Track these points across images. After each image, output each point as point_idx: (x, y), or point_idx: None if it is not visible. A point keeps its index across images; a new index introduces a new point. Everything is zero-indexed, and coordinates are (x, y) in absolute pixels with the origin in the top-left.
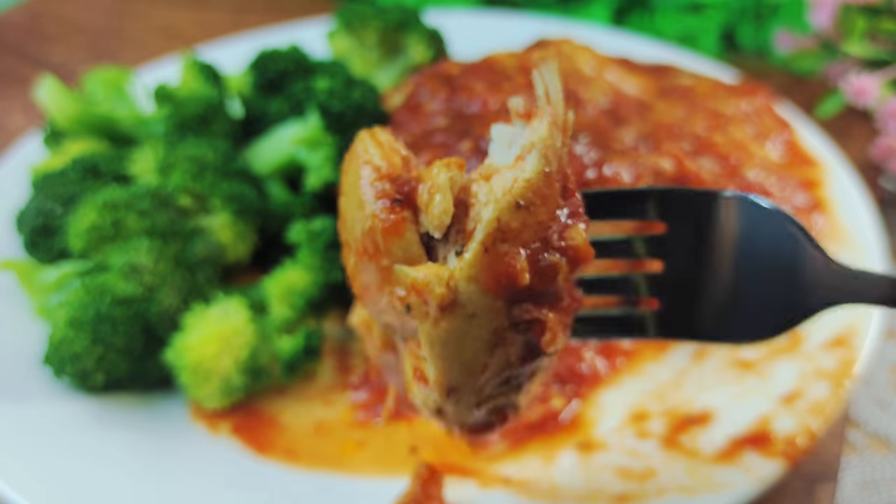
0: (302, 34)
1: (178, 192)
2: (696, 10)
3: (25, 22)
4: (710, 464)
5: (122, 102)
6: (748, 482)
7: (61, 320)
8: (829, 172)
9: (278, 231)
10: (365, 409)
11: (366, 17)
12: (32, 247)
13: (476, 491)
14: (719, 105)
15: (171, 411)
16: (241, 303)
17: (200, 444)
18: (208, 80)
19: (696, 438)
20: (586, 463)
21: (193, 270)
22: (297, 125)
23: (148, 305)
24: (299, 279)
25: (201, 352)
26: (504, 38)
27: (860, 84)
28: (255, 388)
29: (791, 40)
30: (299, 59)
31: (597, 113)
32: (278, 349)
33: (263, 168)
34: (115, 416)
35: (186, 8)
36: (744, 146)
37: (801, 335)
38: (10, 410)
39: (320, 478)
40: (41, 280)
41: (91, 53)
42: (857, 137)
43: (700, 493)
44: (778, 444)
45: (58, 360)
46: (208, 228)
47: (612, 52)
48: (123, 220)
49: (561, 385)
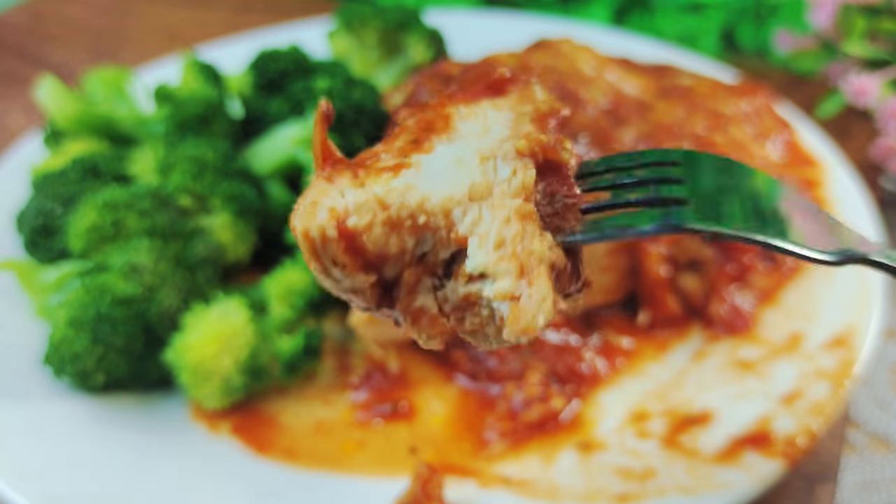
0: (302, 34)
1: (178, 192)
2: (696, 10)
3: (25, 22)
4: (710, 464)
5: (122, 102)
6: (748, 482)
7: (61, 320)
8: (829, 172)
9: (278, 231)
10: (365, 409)
11: (366, 17)
12: (32, 247)
13: (476, 491)
14: (719, 105)
15: (171, 411)
16: (241, 303)
17: (200, 444)
18: (208, 80)
19: (696, 438)
20: (586, 463)
21: (193, 270)
22: (297, 125)
23: (148, 305)
24: (299, 279)
25: (201, 352)
26: (504, 38)
27: (860, 84)
28: (255, 388)
29: (791, 40)
30: (299, 59)
31: (597, 113)
32: (278, 349)
33: (263, 168)
34: (115, 416)
35: (186, 8)
36: (744, 146)
37: (801, 335)
38: (10, 410)
39: (320, 478)
40: (41, 280)
41: (91, 53)
42: (857, 137)
43: (700, 493)
44: (778, 444)
45: (58, 360)
46: (208, 228)
47: (612, 52)
48: (123, 220)
49: (561, 385)
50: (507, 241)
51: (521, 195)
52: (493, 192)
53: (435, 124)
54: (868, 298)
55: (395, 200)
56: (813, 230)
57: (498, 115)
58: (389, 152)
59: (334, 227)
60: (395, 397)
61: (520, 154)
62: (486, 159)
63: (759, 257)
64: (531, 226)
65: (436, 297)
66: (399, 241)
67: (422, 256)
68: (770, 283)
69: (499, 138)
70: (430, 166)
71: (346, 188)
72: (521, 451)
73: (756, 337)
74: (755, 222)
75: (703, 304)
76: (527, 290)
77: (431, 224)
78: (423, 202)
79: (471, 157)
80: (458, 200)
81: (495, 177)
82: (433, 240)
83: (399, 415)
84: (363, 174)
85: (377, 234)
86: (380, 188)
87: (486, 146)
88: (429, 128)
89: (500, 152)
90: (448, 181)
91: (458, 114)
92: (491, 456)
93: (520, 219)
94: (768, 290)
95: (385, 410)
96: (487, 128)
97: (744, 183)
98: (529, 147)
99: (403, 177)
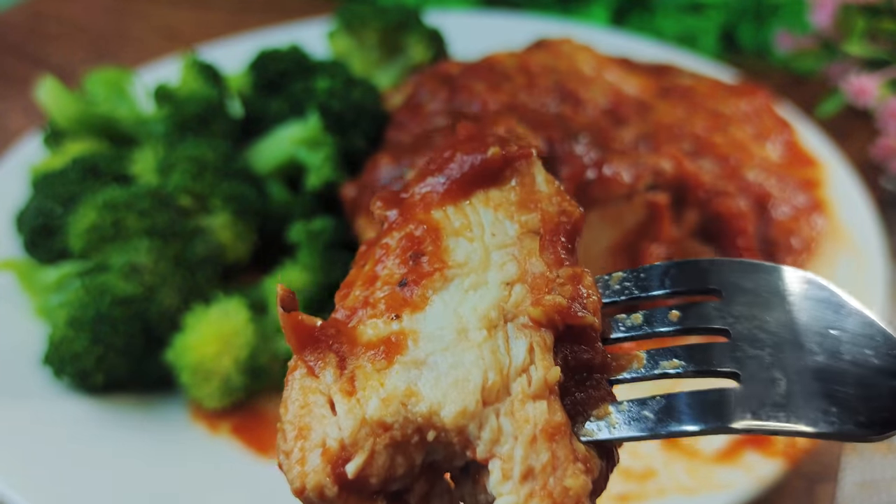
0: (302, 34)
1: (178, 192)
2: (696, 10)
3: (25, 22)
4: (711, 464)
5: (122, 102)
6: (748, 482)
7: (61, 320)
8: (829, 172)
9: (278, 231)
10: None
11: (366, 17)
12: (32, 247)
13: None
14: (719, 105)
15: (171, 411)
16: (241, 303)
17: (200, 444)
18: (208, 80)
19: (696, 438)
20: None
21: (193, 270)
22: (297, 125)
23: (148, 305)
24: (299, 279)
25: (201, 352)
26: (504, 38)
27: (860, 84)
28: (255, 388)
29: (791, 40)
30: (299, 59)
31: (597, 113)
32: (278, 349)
33: (263, 168)
34: (115, 416)
35: (186, 8)
36: (744, 146)
37: None
38: (11, 410)
39: None
40: (41, 280)
41: (91, 53)
42: (857, 137)
43: (700, 493)
44: (778, 443)
45: (58, 360)
46: (208, 228)
47: (612, 52)
48: (123, 220)
49: None
50: (537, 473)
51: (545, 395)
52: (510, 390)
53: (423, 247)
54: (868, 298)
55: (398, 417)
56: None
57: (496, 224)
58: (375, 306)
59: (332, 480)
60: None
61: (536, 323)
62: (493, 327)
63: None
64: (562, 449)
65: (453, 500)
66: (406, 461)
67: (431, 463)
68: None
69: (504, 280)
70: (429, 341)
71: (333, 392)
72: None
73: None
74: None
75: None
76: None
77: (443, 439)
78: (430, 416)
79: (475, 323)
80: (471, 413)
81: (509, 361)
82: (444, 452)
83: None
84: (351, 364)
85: (380, 462)
86: (375, 400)
87: (492, 300)
88: (417, 254)
89: (509, 313)
90: (454, 373)
91: (449, 226)
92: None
93: (548, 440)
94: None
95: None
96: (487, 253)
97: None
98: (546, 315)
99: (400, 371)
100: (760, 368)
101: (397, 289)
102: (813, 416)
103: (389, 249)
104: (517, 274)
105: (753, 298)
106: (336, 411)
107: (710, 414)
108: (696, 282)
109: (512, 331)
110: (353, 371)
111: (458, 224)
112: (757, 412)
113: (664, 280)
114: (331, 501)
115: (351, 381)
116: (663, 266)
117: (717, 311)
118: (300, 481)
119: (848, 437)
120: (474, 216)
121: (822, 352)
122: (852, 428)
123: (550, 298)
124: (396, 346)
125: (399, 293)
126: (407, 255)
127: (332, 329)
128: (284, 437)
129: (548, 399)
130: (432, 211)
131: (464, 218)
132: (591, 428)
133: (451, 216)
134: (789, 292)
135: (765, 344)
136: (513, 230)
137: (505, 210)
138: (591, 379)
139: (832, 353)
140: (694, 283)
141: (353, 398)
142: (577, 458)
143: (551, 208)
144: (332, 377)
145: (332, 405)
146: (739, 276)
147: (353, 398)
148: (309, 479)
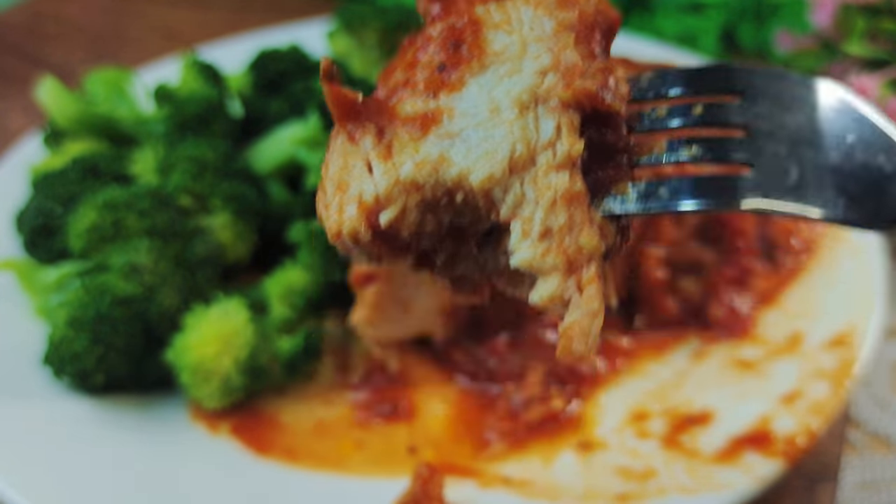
0: (302, 34)
1: (178, 192)
2: (696, 10)
3: (25, 22)
4: (711, 464)
5: (122, 102)
6: (748, 482)
7: (61, 320)
8: None
9: (278, 231)
10: (365, 409)
11: (366, 17)
12: (32, 247)
13: (476, 491)
14: None
15: (171, 411)
16: (241, 303)
17: (200, 444)
18: (208, 80)
19: (696, 438)
20: (586, 463)
21: (193, 270)
22: (297, 125)
23: (148, 305)
24: (299, 279)
25: (201, 352)
26: None
27: (860, 84)
28: (255, 388)
29: (791, 40)
30: (299, 59)
31: None
32: (278, 349)
33: (263, 168)
34: (115, 416)
35: (186, 8)
36: None
37: (801, 334)
38: (10, 410)
39: (320, 478)
40: (41, 280)
41: (91, 53)
42: None
43: (700, 493)
44: (778, 443)
45: (58, 360)
46: (208, 228)
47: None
48: (123, 220)
49: (561, 385)
50: (554, 232)
51: (568, 166)
52: (535, 161)
53: (463, 37)
54: (868, 298)
55: (429, 179)
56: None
57: (535, 20)
58: (415, 87)
59: (366, 226)
60: (395, 397)
61: (564, 105)
62: (525, 108)
63: (758, 259)
64: (579, 213)
65: (476, 263)
66: (435, 220)
67: (458, 227)
68: (770, 285)
69: (538, 69)
70: (463, 117)
71: (371, 157)
72: (521, 451)
73: (756, 337)
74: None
75: (701, 306)
76: (576, 296)
77: (470, 202)
78: (459, 180)
79: (507, 104)
80: (497, 179)
81: (537, 137)
82: (471, 216)
83: (399, 415)
84: (389, 134)
85: (411, 218)
86: (409, 164)
87: (525, 84)
88: (457, 43)
89: (540, 97)
90: (485, 145)
91: (489, 20)
92: (491, 456)
93: (566, 205)
94: (768, 292)
95: (385, 410)
96: (524, 45)
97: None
98: (575, 98)
99: (434, 141)
100: (775, 160)
101: (436, 72)
102: (821, 203)
103: (431, 39)
104: (551, 63)
105: (776, 101)
106: (373, 172)
107: (723, 192)
108: (722, 82)
109: (542, 111)
110: (390, 140)
111: (498, 19)
112: (768, 194)
113: (692, 80)
114: (364, 247)
115: (388, 147)
116: (692, 68)
117: (739, 108)
118: (337, 227)
119: (853, 224)
120: (514, 13)
121: (837, 152)
122: (858, 217)
123: (581, 83)
124: (432, 119)
125: (438, 75)
126: (448, 43)
127: (373, 104)
128: (324, 191)
129: (570, 170)
130: (475, 6)
131: (504, 14)
132: (609, 203)
133: (493, 12)
134: (812, 98)
135: (781, 140)
136: (549, 26)
137: (545, 8)
138: (613, 160)
139: (847, 154)
140: (720, 84)
141: (389, 161)
142: (593, 223)
143: (588, 8)
144: (371, 144)
145: (370, 167)
146: (765, 81)
147: (389, 161)
148: (346, 224)
